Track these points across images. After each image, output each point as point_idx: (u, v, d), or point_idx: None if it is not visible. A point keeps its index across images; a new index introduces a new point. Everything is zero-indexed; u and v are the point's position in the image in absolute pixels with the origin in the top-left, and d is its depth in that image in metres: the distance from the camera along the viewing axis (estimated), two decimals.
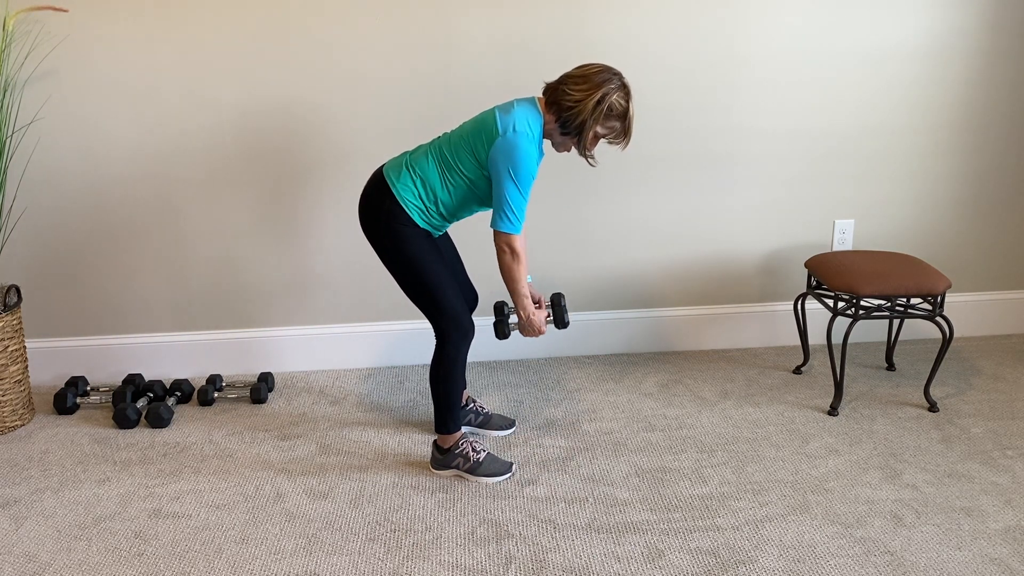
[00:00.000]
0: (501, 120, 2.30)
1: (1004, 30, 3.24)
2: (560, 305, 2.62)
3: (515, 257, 2.37)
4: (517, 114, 2.30)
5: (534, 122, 2.32)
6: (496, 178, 2.30)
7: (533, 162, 2.29)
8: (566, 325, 2.62)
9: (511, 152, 2.26)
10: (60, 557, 2.20)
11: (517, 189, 2.29)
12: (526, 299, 2.45)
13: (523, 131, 2.28)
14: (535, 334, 2.51)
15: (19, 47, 2.90)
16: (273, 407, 3.03)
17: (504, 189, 2.29)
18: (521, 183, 2.29)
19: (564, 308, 2.61)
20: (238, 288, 3.22)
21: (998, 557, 2.15)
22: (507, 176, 2.28)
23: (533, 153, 2.29)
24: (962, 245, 3.49)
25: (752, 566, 2.13)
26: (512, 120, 2.29)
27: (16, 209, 3.05)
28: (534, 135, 2.30)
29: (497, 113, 2.33)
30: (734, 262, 3.40)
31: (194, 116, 3.02)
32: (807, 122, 3.26)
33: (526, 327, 2.50)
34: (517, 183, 2.28)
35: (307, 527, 2.32)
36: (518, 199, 2.30)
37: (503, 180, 2.28)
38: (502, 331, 2.60)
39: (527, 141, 2.27)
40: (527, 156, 2.27)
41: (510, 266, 2.38)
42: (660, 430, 2.82)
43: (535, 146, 2.30)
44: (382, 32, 3.00)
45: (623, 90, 2.31)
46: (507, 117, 2.30)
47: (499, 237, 2.35)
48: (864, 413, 2.92)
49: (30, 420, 2.96)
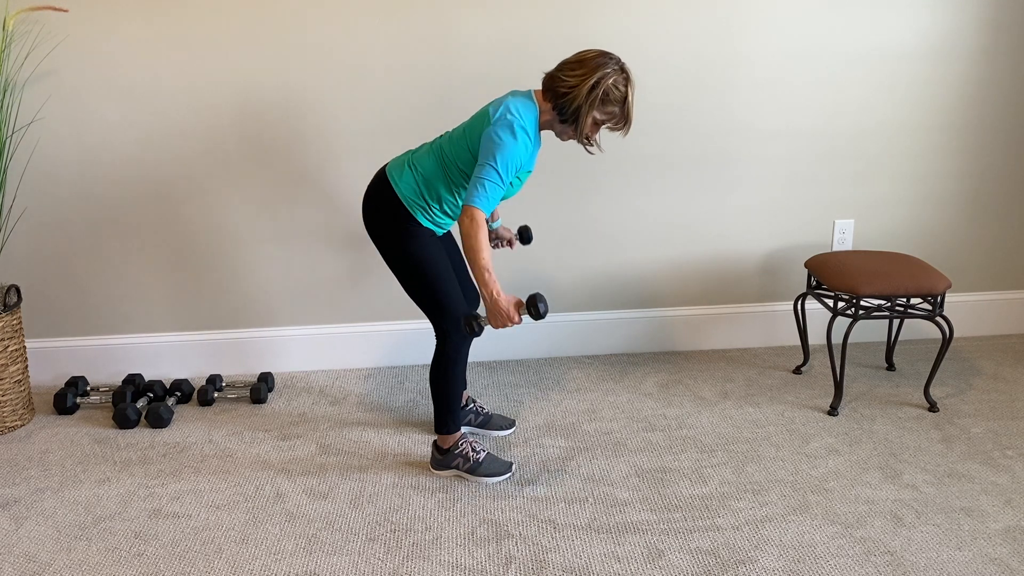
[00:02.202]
0: (492, 110, 2.29)
1: (1004, 30, 3.24)
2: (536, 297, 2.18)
3: (475, 224, 2.18)
4: (508, 103, 2.28)
5: (525, 111, 2.28)
6: (481, 158, 2.24)
7: (520, 149, 2.24)
8: (541, 316, 2.17)
9: (499, 136, 2.22)
10: (60, 557, 2.20)
11: (497, 173, 2.21)
12: (488, 274, 2.19)
13: (513, 118, 2.24)
14: (503, 320, 2.21)
15: (19, 47, 2.90)
16: (273, 407, 3.03)
17: (484, 168, 2.21)
18: (502, 167, 2.21)
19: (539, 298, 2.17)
20: (238, 288, 3.22)
21: (998, 557, 2.15)
22: (490, 157, 2.21)
23: (521, 140, 2.24)
24: (962, 245, 3.49)
25: (752, 566, 2.13)
26: (504, 108, 2.27)
27: (16, 209, 3.05)
28: (525, 123, 2.26)
29: (490, 106, 2.32)
30: (734, 262, 3.40)
31: (194, 116, 3.02)
32: (807, 122, 3.26)
33: (492, 312, 2.21)
34: (498, 167, 2.21)
35: (307, 527, 2.32)
36: (495, 181, 2.21)
37: (486, 160, 2.22)
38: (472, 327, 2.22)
39: (516, 127, 2.23)
40: (513, 142, 2.22)
41: (469, 232, 2.17)
42: (660, 430, 2.82)
43: (524, 134, 2.25)
44: (382, 31, 3.00)
45: (621, 74, 2.25)
46: (498, 107, 2.28)
47: (465, 210, 2.20)
48: (864, 413, 2.92)
49: (30, 420, 2.96)
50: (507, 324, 2.22)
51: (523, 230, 2.78)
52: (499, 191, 2.24)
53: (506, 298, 2.20)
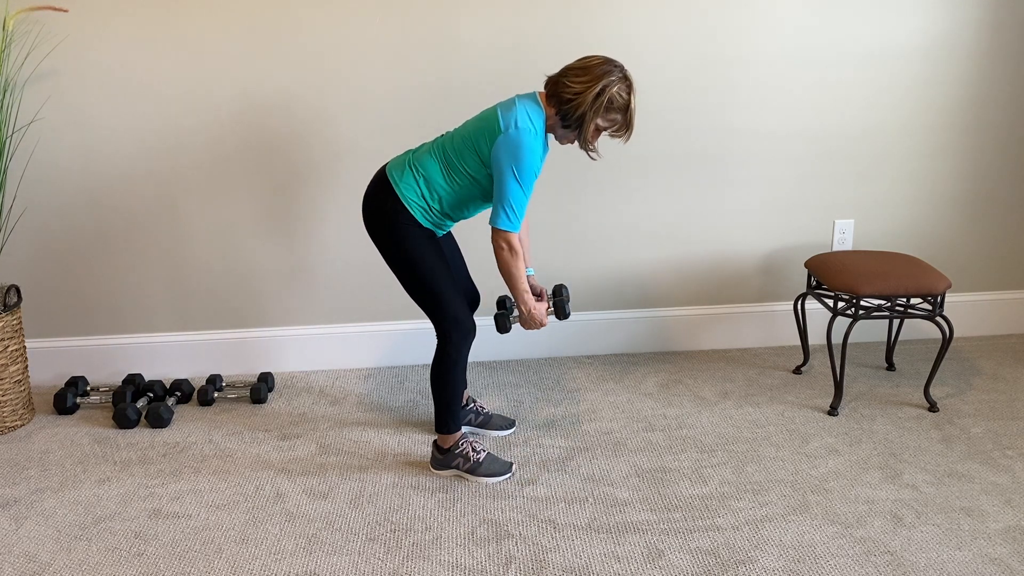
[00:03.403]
0: (503, 116, 2.29)
1: (1004, 30, 3.24)
2: (561, 295, 2.61)
3: (513, 253, 2.36)
4: (519, 110, 2.29)
5: (536, 117, 2.30)
6: (498, 174, 2.28)
7: (536, 158, 2.27)
8: (567, 315, 2.61)
9: (514, 148, 2.25)
10: (60, 557, 2.20)
11: (519, 186, 2.27)
12: (526, 294, 2.44)
13: (525, 127, 2.26)
14: (536, 327, 2.52)
15: (19, 47, 2.90)
16: (273, 407, 3.03)
17: (506, 185, 2.28)
18: (524, 180, 2.27)
19: (565, 299, 2.61)
20: (238, 288, 3.22)
21: (998, 557, 2.15)
22: (509, 173, 2.26)
23: (536, 149, 2.27)
24: (962, 245, 3.49)
25: (752, 566, 2.13)
26: (514, 116, 2.28)
27: (16, 209, 3.05)
28: (537, 131, 2.29)
29: (499, 110, 2.32)
30: (734, 262, 3.40)
31: (194, 116, 3.02)
32: (807, 122, 3.26)
33: (527, 321, 2.50)
34: (520, 180, 2.27)
35: (307, 527, 2.32)
36: (519, 196, 2.29)
37: (505, 177, 2.27)
38: (503, 324, 2.58)
39: (530, 137, 2.26)
40: (530, 152, 2.25)
41: (508, 262, 2.37)
42: (660, 430, 2.82)
43: (538, 142, 2.28)
44: (382, 30, 3.00)
45: (624, 82, 2.28)
46: (509, 114, 2.29)
47: (497, 235, 2.34)
48: (864, 413, 2.92)
49: (30, 420, 2.96)
50: (539, 328, 2.54)
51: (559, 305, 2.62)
52: (524, 203, 2.31)
53: (540, 309, 2.50)
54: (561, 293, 2.62)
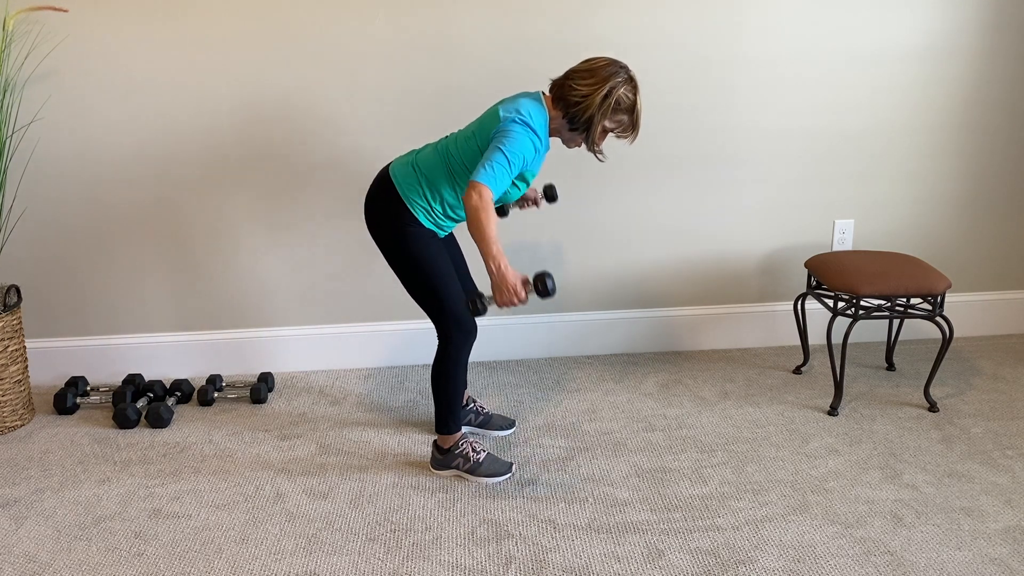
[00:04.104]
0: (504, 109, 2.29)
1: (1004, 30, 3.24)
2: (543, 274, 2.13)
3: (483, 199, 2.13)
4: (521, 103, 2.29)
5: (536, 113, 2.29)
6: (491, 146, 2.22)
7: (529, 147, 2.24)
8: (548, 291, 2.11)
9: (509, 130, 2.22)
10: (60, 557, 2.20)
11: (505, 158, 2.19)
12: (495, 246, 2.14)
13: (525, 117, 2.25)
14: (510, 296, 2.15)
15: (19, 47, 2.90)
16: (273, 407, 3.03)
17: (493, 152, 2.19)
18: (511, 154, 2.19)
19: (547, 274, 2.13)
20: (238, 288, 3.22)
21: (998, 557, 2.15)
22: (499, 144, 2.20)
23: (531, 137, 2.25)
24: (962, 245, 3.49)
25: (752, 566, 2.13)
26: (515, 107, 2.27)
27: (16, 209, 3.05)
28: (535, 124, 2.27)
29: (500, 106, 2.32)
30: (734, 262, 3.40)
31: (194, 116, 3.02)
32: (807, 122, 3.26)
33: (498, 286, 2.15)
34: (507, 153, 2.19)
35: (307, 527, 2.32)
36: (503, 166, 2.19)
37: (495, 148, 2.20)
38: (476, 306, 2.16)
39: (529, 125, 2.24)
40: (523, 138, 2.22)
41: (478, 209, 2.12)
42: (660, 430, 2.82)
43: (536, 135, 2.26)
44: (382, 30, 3.00)
45: (630, 83, 2.28)
46: (510, 105, 2.29)
47: (472, 185, 2.15)
48: (864, 413, 2.92)
49: (30, 420, 2.96)
50: (513, 301, 2.16)
51: (548, 188, 2.66)
52: (507, 176, 2.19)
53: (513, 273, 2.15)
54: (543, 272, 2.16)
